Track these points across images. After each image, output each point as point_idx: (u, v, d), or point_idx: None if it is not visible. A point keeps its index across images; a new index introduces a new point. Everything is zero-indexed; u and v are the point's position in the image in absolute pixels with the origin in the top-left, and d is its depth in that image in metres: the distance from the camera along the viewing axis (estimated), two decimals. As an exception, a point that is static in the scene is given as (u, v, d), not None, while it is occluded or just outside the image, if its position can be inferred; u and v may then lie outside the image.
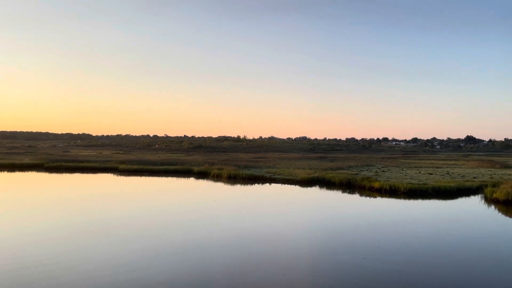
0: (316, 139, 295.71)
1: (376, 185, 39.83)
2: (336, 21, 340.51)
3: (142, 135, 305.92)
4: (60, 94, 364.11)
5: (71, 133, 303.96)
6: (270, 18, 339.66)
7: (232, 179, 49.59)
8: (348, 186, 42.63)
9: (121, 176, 53.79)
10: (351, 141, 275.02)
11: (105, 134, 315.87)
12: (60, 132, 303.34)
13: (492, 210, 29.62)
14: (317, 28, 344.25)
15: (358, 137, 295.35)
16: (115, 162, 69.66)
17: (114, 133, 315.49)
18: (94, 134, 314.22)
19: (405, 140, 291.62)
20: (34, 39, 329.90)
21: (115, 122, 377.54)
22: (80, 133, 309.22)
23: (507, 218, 27.55)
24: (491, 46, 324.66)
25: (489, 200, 32.98)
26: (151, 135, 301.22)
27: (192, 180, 50.73)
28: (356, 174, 50.58)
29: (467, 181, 43.87)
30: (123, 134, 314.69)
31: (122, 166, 63.36)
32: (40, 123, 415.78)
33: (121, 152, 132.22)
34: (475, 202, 33.52)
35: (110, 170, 61.62)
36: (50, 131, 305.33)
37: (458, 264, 16.31)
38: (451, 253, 17.95)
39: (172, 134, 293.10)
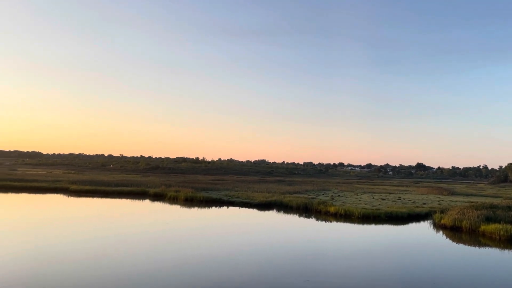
0: (274, 162, 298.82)
1: (332, 209, 40.55)
2: (293, 48, 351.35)
3: (96, 154, 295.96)
4: (8, 110, 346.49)
5: (19, 151, 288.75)
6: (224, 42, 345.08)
7: (189, 202, 48.73)
8: (305, 210, 43.07)
9: (72, 197, 51.42)
10: (309, 165, 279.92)
11: (56, 153, 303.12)
12: (7, 150, 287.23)
13: (440, 236, 30.86)
14: (284, 54, 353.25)
15: (315, 162, 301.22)
16: (66, 182, 66.79)
17: (66, 152, 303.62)
18: (44, 152, 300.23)
19: (360, 165, 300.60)
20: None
21: (67, 140, 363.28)
22: (30, 151, 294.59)
23: (453, 243, 28.77)
24: (439, 80, 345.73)
25: (437, 226, 34.40)
26: (106, 155, 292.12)
27: (147, 202, 49.35)
28: (313, 198, 51.30)
29: (417, 207, 45.64)
30: (76, 153, 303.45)
31: (73, 187, 60.74)
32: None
33: (73, 171, 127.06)
34: (424, 228, 34.81)
35: (60, 191, 58.84)
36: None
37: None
38: (396, 277, 18.49)
39: (128, 154, 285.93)
